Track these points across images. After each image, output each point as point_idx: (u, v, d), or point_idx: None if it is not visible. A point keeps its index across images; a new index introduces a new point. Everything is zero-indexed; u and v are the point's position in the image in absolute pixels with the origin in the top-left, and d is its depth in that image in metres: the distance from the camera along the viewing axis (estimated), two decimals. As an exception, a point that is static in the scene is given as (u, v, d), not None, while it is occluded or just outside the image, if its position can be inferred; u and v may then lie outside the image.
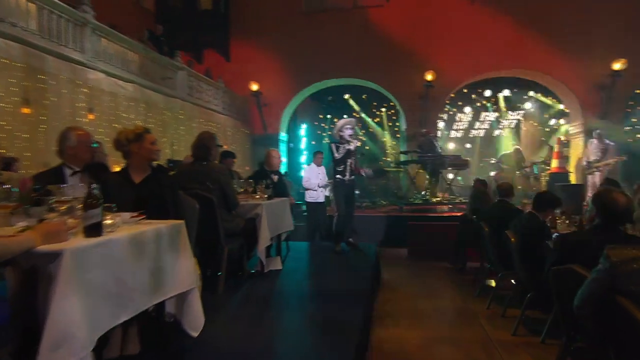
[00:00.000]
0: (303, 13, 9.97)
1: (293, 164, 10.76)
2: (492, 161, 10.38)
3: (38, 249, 1.55)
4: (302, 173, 7.06)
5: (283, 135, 10.43)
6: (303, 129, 11.18)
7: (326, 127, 11.32)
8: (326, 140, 11.24)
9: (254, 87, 9.65)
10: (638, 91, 9.06)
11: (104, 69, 5.73)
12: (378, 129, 11.49)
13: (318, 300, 3.42)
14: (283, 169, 10.22)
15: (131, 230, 1.99)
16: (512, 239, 3.45)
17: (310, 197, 6.20)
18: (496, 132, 11.56)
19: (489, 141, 11.58)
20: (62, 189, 2.02)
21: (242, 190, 4.11)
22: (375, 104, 11.06)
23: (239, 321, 2.93)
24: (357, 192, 5.62)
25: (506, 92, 10.08)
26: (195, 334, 2.31)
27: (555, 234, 3.42)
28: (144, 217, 2.24)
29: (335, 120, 11.26)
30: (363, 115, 11.17)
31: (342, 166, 4.83)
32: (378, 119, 11.58)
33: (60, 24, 5.09)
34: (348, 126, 4.83)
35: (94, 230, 1.79)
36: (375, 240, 5.86)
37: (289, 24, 9.89)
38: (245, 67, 9.89)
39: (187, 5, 9.63)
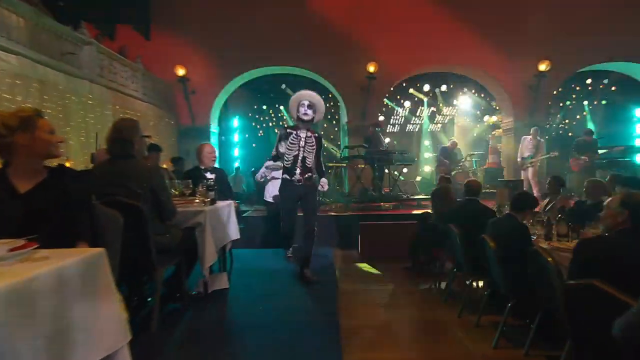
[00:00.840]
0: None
1: (225, 158, 9.88)
2: (428, 155, 10.55)
3: None
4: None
5: (214, 127, 9.48)
6: (236, 121, 10.30)
7: (261, 119, 10.58)
8: (261, 133, 10.53)
9: (180, 71, 8.58)
10: (555, 92, 9.83)
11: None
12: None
13: (277, 329, 2.83)
14: (230, 166, 9.42)
15: (11, 276, 1.21)
16: (492, 244, 3.17)
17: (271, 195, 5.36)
18: (431, 127, 11.80)
19: (425, 136, 11.78)
20: None
21: (176, 193, 3.33)
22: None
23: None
24: (318, 198, 4.37)
25: (443, 88, 10.25)
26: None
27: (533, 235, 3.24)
28: (36, 246, 1.45)
29: (271, 112, 10.62)
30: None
31: (290, 161, 3.80)
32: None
33: None
34: (304, 102, 3.74)
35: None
36: (326, 243, 5.39)
37: (219, 3, 8.95)
38: (169, 48, 8.78)
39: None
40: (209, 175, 4.01)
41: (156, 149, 4.92)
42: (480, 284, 3.94)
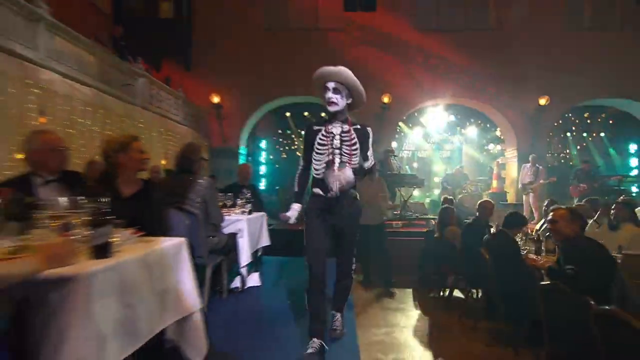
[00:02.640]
0: (264, 29, 9.85)
1: (254, 177, 10.48)
2: (437, 180, 10.90)
3: (41, 275, 1.25)
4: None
5: (243, 149, 10.09)
6: (263, 143, 10.93)
7: (285, 142, 11.17)
8: (284, 156, 11.06)
9: (215, 99, 9.26)
10: (556, 124, 10.17)
11: (59, 70, 5.12)
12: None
13: (303, 318, 3.24)
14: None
15: (137, 250, 1.71)
16: (487, 256, 3.55)
17: None
18: (441, 154, 12.19)
19: (435, 161, 12.17)
20: (56, 201, 1.70)
21: (220, 204, 3.84)
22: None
23: (233, 341, 2.68)
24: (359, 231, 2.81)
25: (451, 118, 10.68)
26: (199, 359, 2.04)
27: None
28: (143, 233, 1.96)
29: (294, 137, 11.19)
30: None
31: (320, 170, 2.50)
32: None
33: (12, 18, 4.47)
34: (329, 84, 2.51)
35: (103, 251, 1.51)
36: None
37: (250, 39, 9.70)
38: (205, 78, 9.49)
39: (147, 11, 9.06)
40: (245, 190, 4.52)
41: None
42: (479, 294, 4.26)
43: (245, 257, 3.59)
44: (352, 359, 2.61)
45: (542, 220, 5.15)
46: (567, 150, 11.01)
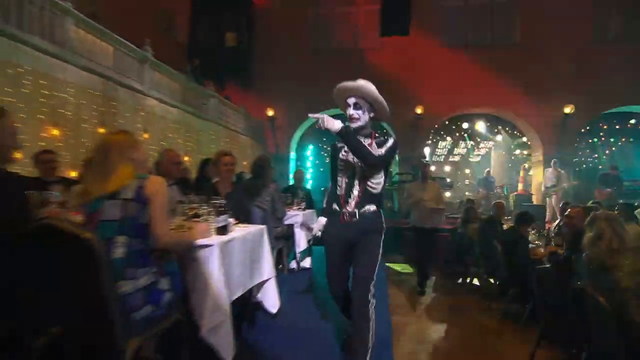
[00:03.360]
0: (311, 51, 10.57)
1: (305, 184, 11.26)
2: (467, 182, 11.09)
3: (195, 243, 1.98)
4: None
5: (292, 155, 10.89)
6: (309, 150, 11.70)
7: (328, 148, 11.85)
8: (328, 160, 11.75)
9: (270, 112, 10.14)
10: (584, 130, 10.01)
11: (157, 97, 6.14)
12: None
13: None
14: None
15: (239, 232, 2.42)
16: (499, 248, 3.97)
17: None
18: (471, 158, 12.30)
19: (465, 165, 12.31)
20: (191, 198, 2.45)
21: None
22: (379, 131, 11.69)
23: (293, 305, 3.37)
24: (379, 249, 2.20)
25: (481, 125, 10.80)
26: (274, 311, 2.73)
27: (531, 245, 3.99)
28: (237, 222, 2.68)
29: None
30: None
31: (341, 186, 2.24)
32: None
33: (129, 61, 5.51)
34: (350, 100, 2.26)
35: (224, 230, 2.23)
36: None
37: (300, 60, 10.46)
38: (262, 95, 10.39)
39: (215, 42, 10.11)
40: (300, 191, 5.23)
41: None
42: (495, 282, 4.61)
43: (301, 245, 4.28)
44: (385, 334, 2.96)
45: (558, 220, 5.38)
46: (596, 155, 10.74)
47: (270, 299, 2.73)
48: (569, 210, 3.38)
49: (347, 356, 2.33)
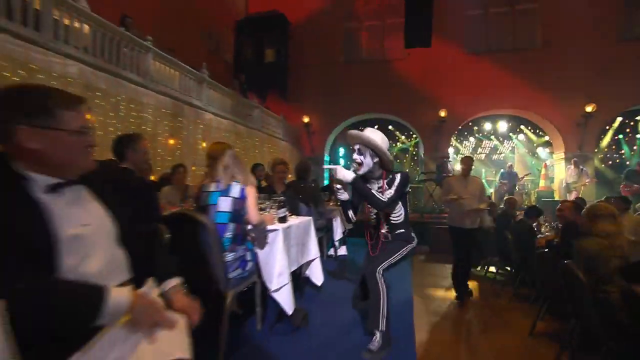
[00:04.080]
0: (343, 63, 11.12)
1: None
2: (490, 179, 11.19)
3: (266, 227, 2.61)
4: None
5: (326, 157, 11.49)
6: (341, 152, 12.28)
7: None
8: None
9: (305, 119, 10.80)
10: (608, 127, 9.83)
11: (212, 111, 6.95)
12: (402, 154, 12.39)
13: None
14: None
15: (293, 221, 3.04)
16: (510, 237, 4.34)
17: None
18: (494, 157, 12.33)
19: (489, 164, 12.35)
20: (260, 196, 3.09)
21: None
22: (398, 133, 12.00)
23: (337, 281, 3.95)
24: (399, 250, 2.44)
25: (503, 125, 10.85)
26: (319, 284, 3.32)
27: (540, 235, 4.33)
28: (290, 214, 3.29)
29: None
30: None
31: (373, 219, 2.52)
32: (402, 145, 12.38)
33: (191, 83, 6.34)
34: (355, 146, 2.35)
35: (283, 219, 2.86)
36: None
37: (331, 71, 11.04)
38: (298, 104, 11.07)
39: (256, 59, 10.91)
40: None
41: (261, 167, 6.76)
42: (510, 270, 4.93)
43: (337, 234, 4.86)
44: (407, 309, 3.48)
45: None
46: (622, 151, 10.49)
47: (316, 275, 3.33)
48: (560, 204, 3.73)
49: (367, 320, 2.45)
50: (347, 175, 2.21)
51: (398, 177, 2.31)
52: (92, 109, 4.25)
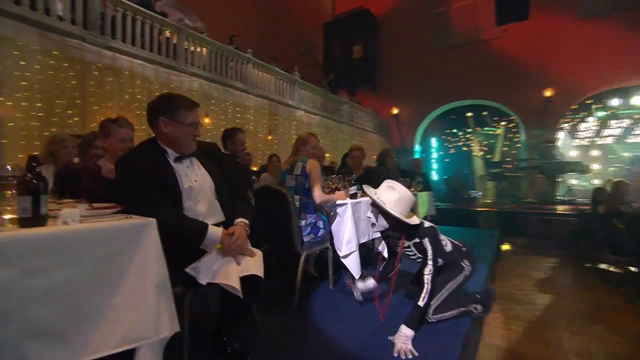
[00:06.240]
0: (432, 50, 10.71)
1: (425, 171, 11.52)
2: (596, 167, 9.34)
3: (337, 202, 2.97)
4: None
5: (417, 147, 11.28)
6: (433, 142, 11.86)
7: (452, 139, 11.73)
8: (452, 151, 11.64)
9: (395, 111, 10.80)
10: None
11: (303, 108, 7.63)
12: (497, 140, 11.29)
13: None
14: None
15: (364, 199, 3.32)
16: (620, 226, 3.78)
17: None
18: (628, 140, 10.19)
19: (622, 148, 10.26)
20: (331, 178, 3.49)
21: (400, 185, 5.29)
22: (496, 118, 10.96)
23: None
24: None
25: (638, 99, 8.92)
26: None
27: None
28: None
29: (460, 135, 11.57)
30: (480, 129, 11.14)
31: None
32: (499, 131, 11.33)
33: (284, 84, 7.12)
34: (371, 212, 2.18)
35: (354, 196, 3.16)
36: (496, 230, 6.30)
37: (419, 60, 10.73)
38: (387, 96, 11.12)
39: (344, 57, 11.36)
40: (417, 176, 5.84)
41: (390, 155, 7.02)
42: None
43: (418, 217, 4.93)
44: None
45: None
46: None
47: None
48: None
49: None
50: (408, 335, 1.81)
51: (427, 243, 2.00)
52: (209, 114, 5.27)
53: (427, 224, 2.09)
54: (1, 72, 3.46)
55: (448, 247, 2.21)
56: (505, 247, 5.71)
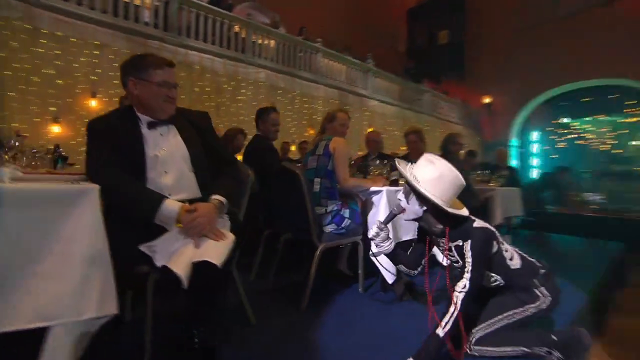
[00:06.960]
0: (530, 27, 8.89)
1: (524, 167, 9.70)
2: None
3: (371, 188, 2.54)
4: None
5: (514, 141, 9.60)
6: (534, 135, 9.88)
7: (560, 131, 9.59)
8: (562, 145, 9.51)
9: (486, 100, 9.40)
10: None
11: (377, 98, 7.15)
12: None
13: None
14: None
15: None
16: None
17: None
18: None
19: None
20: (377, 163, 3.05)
21: (478, 178, 4.45)
22: (630, 103, 8.45)
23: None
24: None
25: None
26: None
27: None
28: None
29: (573, 126, 9.37)
30: (607, 117, 8.76)
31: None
32: (636, 119, 8.71)
33: (356, 73, 6.77)
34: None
35: (395, 183, 2.68)
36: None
37: (517, 39, 9.05)
38: (477, 84, 9.75)
39: (429, 43, 10.35)
40: (502, 170, 4.85)
41: (472, 154, 5.95)
42: None
43: (497, 217, 4.06)
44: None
45: None
46: None
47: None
48: None
49: None
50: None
51: (468, 246, 1.39)
52: (275, 104, 5.29)
53: (480, 222, 1.42)
54: (101, 74, 4.04)
55: (515, 263, 1.50)
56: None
